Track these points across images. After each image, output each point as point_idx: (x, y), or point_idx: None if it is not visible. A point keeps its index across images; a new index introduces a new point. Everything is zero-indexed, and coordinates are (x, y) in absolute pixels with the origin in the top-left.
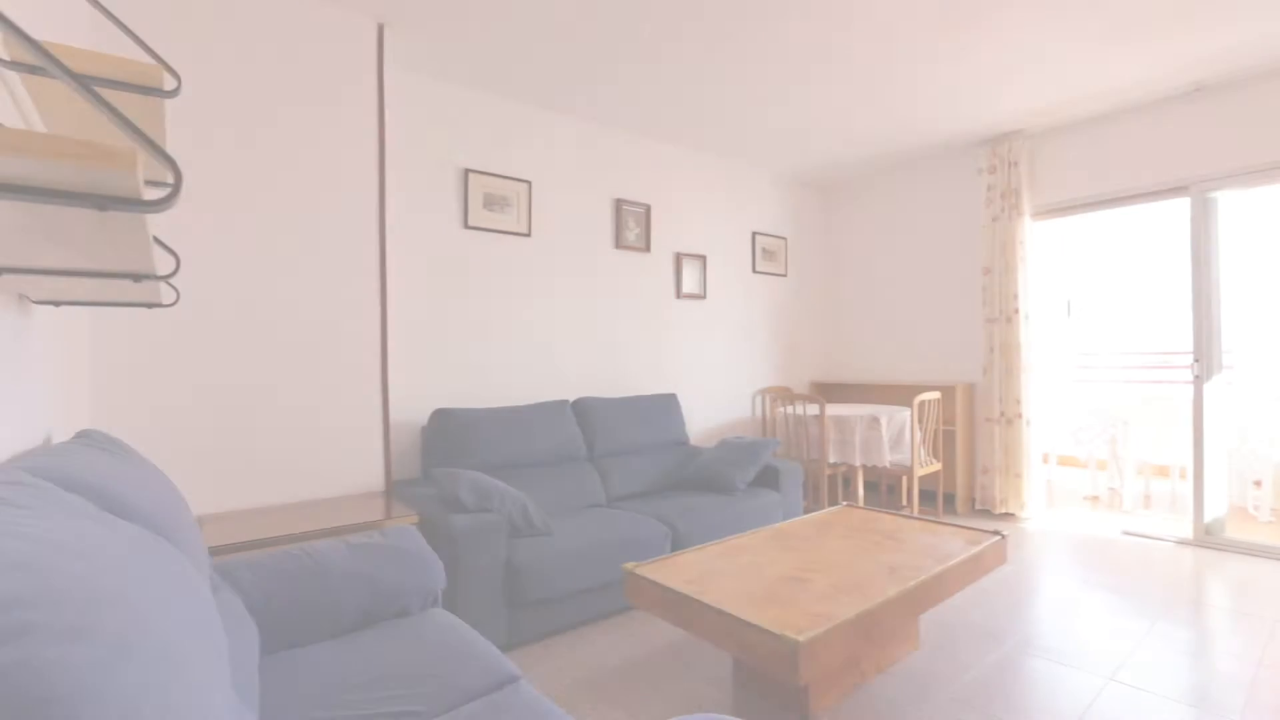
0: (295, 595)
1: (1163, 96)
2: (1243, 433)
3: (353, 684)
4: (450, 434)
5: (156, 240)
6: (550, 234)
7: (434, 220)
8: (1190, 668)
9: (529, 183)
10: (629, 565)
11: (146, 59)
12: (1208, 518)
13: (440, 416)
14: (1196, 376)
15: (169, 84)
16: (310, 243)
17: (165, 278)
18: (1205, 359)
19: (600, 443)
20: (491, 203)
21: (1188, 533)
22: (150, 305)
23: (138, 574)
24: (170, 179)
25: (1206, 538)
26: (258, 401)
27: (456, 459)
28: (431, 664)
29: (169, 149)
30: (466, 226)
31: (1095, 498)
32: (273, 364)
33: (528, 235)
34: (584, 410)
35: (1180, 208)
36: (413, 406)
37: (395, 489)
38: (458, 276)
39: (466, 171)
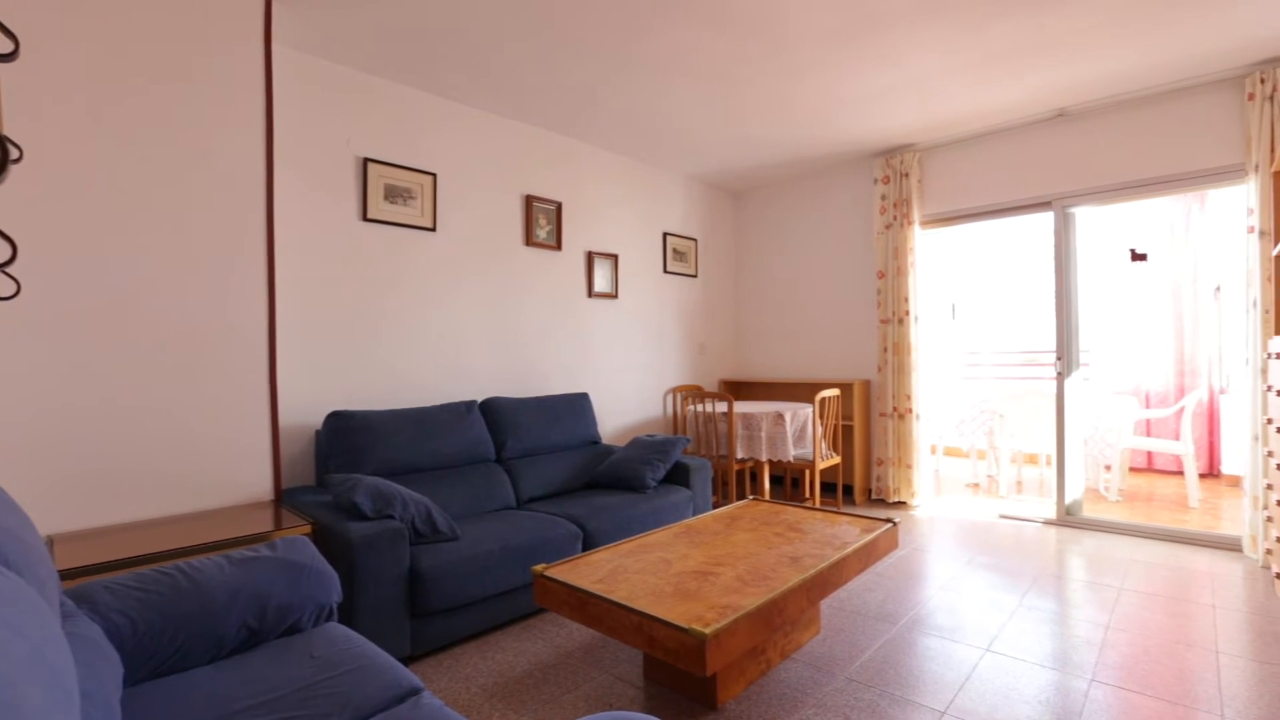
0: (166, 618)
1: (1030, 120)
2: (1096, 423)
3: (234, 709)
4: (347, 437)
5: None
6: (457, 229)
7: (330, 211)
8: (1053, 635)
9: (434, 175)
10: (538, 567)
11: None
12: (1068, 499)
13: (336, 419)
14: (1059, 373)
15: (4, 46)
16: (187, 230)
17: (0, 267)
18: (1066, 357)
19: (510, 444)
20: (394, 194)
21: (1052, 513)
22: None
23: None
24: None
25: (1067, 517)
26: (123, 405)
27: (355, 464)
28: (325, 682)
29: (8, 121)
30: (365, 219)
31: (976, 485)
32: (141, 363)
33: (433, 230)
34: (493, 411)
35: (1045, 221)
36: (306, 409)
37: (286, 497)
38: (356, 271)
39: (365, 161)
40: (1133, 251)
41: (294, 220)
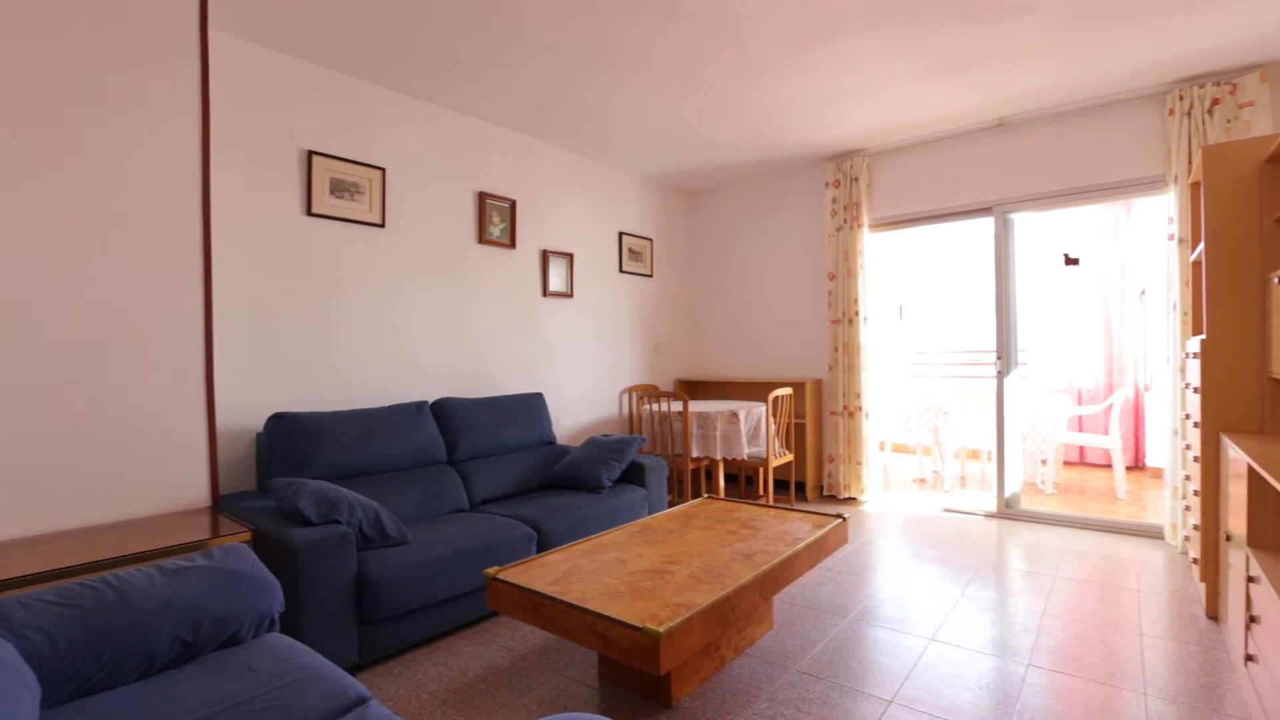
0: (90, 633)
1: (973, 128)
2: (1033, 419)
3: None
4: (291, 440)
5: None
6: (407, 225)
7: (272, 205)
8: (993, 623)
9: (383, 169)
10: (490, 570)
11: None
12: (1007, 493)
13: (279, 421)
14: (999, 372)
15: None
16: (113, 221)
17: None
18: (1005, 357)
19: (463, 445)
20: (340, 189)
21: (993, 506)
22: None
23: None
24: None
25: (1007, 510)
26: (42, 409)
27: (299, 468)
28: (265, 695)
29: None
30: (310, 214)
31: (922, 480)
32: (63, 364)
33: (381, 226)
34: (445, 411)
35: (986, 226)
36: (246, 411)
37: (224, 504)
38: (300, 267)
39: (310, 153)
40: (1066, 256)
41: (233, 213)
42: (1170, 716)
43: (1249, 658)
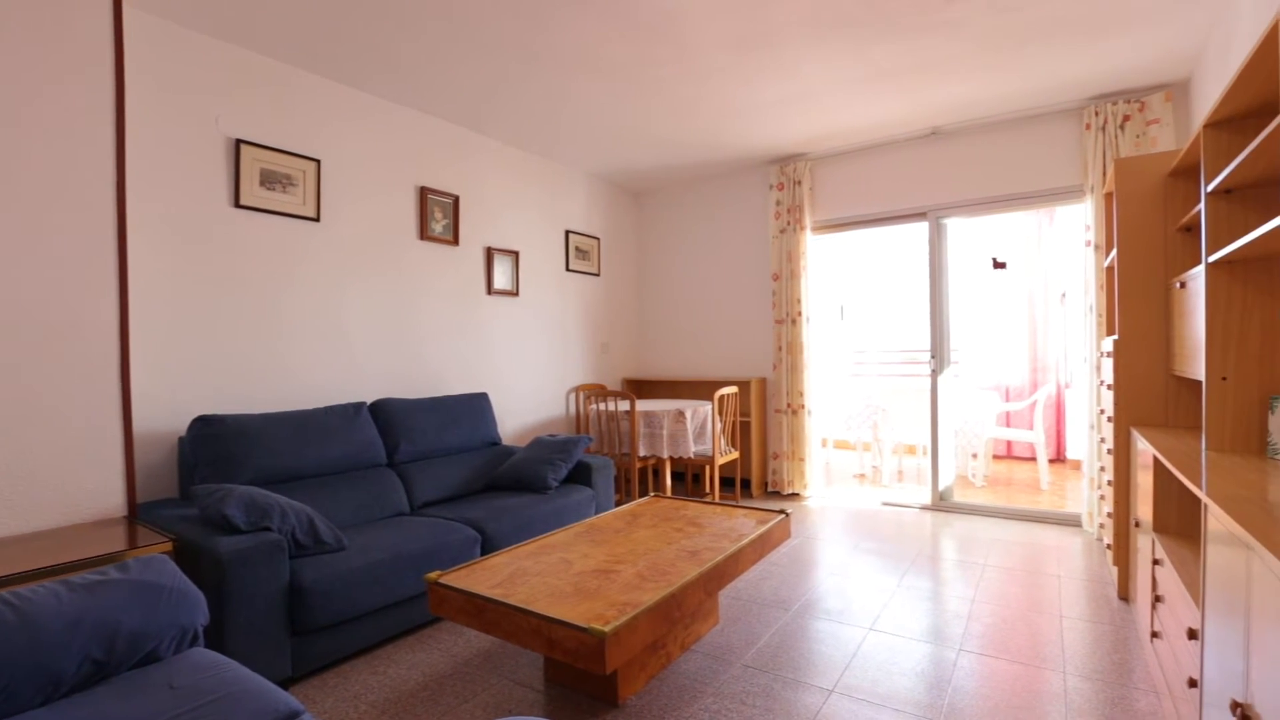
0: None
1: (908, 136)
2: (964, 416)
3: None
4: (217, 444)
5: None
6: (344, 219)
7: (196, 195)
8: (927, 611)
9: (318, 161)
10: (432, 575)
11: None
12: (941, 486)
13: (203, 424)
14: (933, 370)
15: None
16: (14, 210)
17: None
18: (939, 356)
19: (404, 447)
20: (271, 180)
21: (928, 499)
22: None
23: None
24: None
25: (941, 503)
26: None
27: (227, 473)
28: (186, 713)
29: None
30: (238, 205)
31: (862, 475)
32: None
33: (316, 219)
34: (384, 412)
35: (921, 230)
36: (168, 413)
37: (143, 513)
38: (228, 261)
39: (238, 142)
40: (994, 260)
41: (153, 202)
42: (1086, 693)
43: (1154, 634)
